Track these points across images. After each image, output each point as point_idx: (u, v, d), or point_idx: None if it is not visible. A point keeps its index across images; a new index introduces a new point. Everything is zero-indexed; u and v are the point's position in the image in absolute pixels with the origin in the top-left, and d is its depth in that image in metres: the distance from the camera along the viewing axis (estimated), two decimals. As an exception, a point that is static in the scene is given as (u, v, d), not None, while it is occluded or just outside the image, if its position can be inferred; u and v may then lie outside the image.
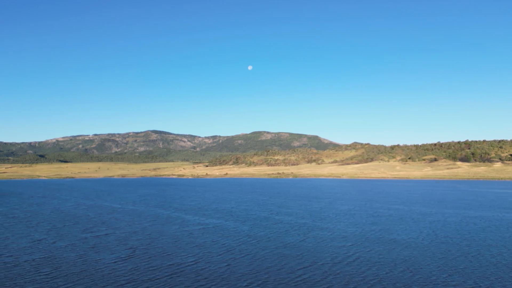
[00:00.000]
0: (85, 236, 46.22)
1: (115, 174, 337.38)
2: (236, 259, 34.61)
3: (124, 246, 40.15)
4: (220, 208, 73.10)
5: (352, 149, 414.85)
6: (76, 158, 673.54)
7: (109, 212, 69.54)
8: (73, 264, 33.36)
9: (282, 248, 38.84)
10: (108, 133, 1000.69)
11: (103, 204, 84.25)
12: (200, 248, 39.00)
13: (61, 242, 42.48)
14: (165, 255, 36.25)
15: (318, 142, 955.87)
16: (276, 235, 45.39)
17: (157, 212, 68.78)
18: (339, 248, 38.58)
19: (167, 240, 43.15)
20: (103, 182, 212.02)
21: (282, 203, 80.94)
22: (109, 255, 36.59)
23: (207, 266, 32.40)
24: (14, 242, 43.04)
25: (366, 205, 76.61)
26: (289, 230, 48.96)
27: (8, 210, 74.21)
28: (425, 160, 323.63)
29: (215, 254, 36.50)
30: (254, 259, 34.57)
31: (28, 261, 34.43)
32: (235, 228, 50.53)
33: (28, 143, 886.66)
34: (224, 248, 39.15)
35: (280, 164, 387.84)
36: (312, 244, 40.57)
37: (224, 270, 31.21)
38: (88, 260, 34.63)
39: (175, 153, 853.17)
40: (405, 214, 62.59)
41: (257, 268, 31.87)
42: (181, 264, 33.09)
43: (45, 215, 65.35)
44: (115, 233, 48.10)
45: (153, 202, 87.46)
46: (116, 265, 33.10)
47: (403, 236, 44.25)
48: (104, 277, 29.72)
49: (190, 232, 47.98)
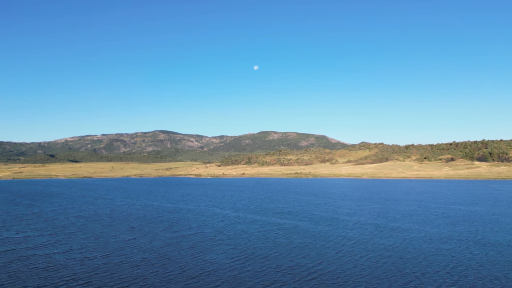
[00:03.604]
0: (173, 235, 46.16)
1: (131, 173, 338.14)
2: (354, 261, 34.39)
3: (226, 246, 40.01)
4: (277, 208, 72.87)
5: (366, 148, 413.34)
6: (86, 158, 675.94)
7: (170, 212, 69.52)
8: (194, 265, 33.29)
9: (386, 250, 38.56)
10: (116, 133, 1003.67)
11: (154, 203, 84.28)
12: (302, 249, 38.80)
13: (157, 242, 42.43)
14: (276, 256, 36.07)
15: (326, 142, 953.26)
16: (368, 237, 45.10)
17: (218, 212, 68.65)
18: (449, 250, 38.27)
19: (263, 241, 42.97)
20: (126, 181, 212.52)
21: (335, 203, 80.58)
22: (218, 254, 36.48)
23: (334, 269, 32.21)
24: (107, 242, 43.04)
25: (422, 205, 76.12)
26: (373, 231, 48.65)
27: (67, 210, 74.43)
28: (441, 160, 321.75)
29: (329, 256, 36.31)
30: (373, 262, 34.33)
31: (146, 260, 34.36)
32: (316, 229, 50.29)
33: (38, 143, 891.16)
34: (328, 249, 38.92)
35: (293, 164, 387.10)
36: (416, 246, 40.27)
37: (353, 273, 31.01)
38: (203, 260, 34.53)
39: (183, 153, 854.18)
40: (475, 215, 62.10)
41: (386, 272, 31.62)
42: (302, 266, 32.92)
43: (111, 215, 65.41)
44: (203, 232, 48.00)
45: (202, 201, 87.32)
46: (237, 264, 32.97)
47: (502, 239, 43.82)
48: (235, 277, 29.61)
49: (277, 233, 47.80)
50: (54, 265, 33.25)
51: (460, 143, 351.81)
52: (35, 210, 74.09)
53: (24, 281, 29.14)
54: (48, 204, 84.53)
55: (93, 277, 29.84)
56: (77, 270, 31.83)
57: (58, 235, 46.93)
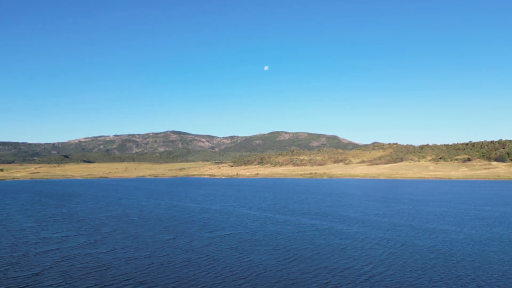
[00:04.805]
0: (210, 236, 46.21)
1: (145, 174, 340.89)
2: (401, 263, 33.96)
3: (266, 247, 39.89)
4: (304, 209, 72.53)
5: (380, 149, 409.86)
6: (99, 159, 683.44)
7: (198, 212, 69.74)
8: (241, 265, 33.23)
9: (430, 252, 38.01)
10: (128, 134, 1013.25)
11: (179, 204, 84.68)
12: (344, 251, 38.48)
13: (196, 243, 42.51)
14: (320, 257, 35.82)
15: (337, 142, 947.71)
16: (406, 239, 44.54)
17: (245, 212, 68.60)
18: (496, 252, 37.58)
19: (301, 242, 42.75)
20: (143, 182, 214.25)
21: (361, 204, 79.94)
22: (262, 255, 36.36)
23: (384, 271, 31.84)
24: (146, 242, 43.27)
25: (451, 206, 75.03)
26: (410, 232, 48.06)
27: (95, 210, 75.22)
28: (458, 160, 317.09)
29: (375, 258, 35.93)
30: (422, 264, 33.86)
31: (191, 260, 34.41)
32: (352, 230, 49.89)
33: (52, 144, 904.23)
34: (371, 250, 38.52)
35: (306, 164, 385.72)
36: (460, 248, 39.62)
37: (405, 275, 30.60)
38: (248, 261, 34.46)
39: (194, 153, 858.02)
40: (510, 217, 60.96)
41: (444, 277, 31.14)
42: (350, 268, 32.62)
43: (141, 215, 65.87)
44: (238, 233, 47.99)
45: (225, 202, 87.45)
46: (284, 266, 32.83)
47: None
48: (286, 279, 29.46)
49: (313, 234, 47.54)
50: (103, 265, 33.53)
51: (477, 143, 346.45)
52: (64, 210, 75.01)
53: (77, 281, 29.41)
54: (74, 204, 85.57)
55: (144, 277, 29.98)
56: (126, 270, 32.03)
57: (95, 235, 47.38)
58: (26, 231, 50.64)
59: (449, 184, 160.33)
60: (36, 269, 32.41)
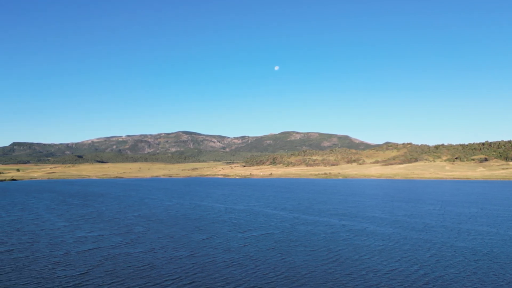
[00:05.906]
0: (244, 236, 46.23)
1: (159, 174, 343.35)
2: (453, 265, 33.49)
3: (304, 248, 39.74)
4: (330, 209, 72.15)
5: (394, 149, 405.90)
6: (113, 159, 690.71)
7: (224, 212, 69.91)
8: (286, 267, 33.16)
9: (473, 254, 37.44)
10: (141, 134, 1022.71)
11: (202, 203, 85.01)
12: (386, 252, 38.11)
13: (233, 243, 42.58)
14: (364, 259, 35.54)
15: (349, 142, 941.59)
16: (445, 240, 43.94)
17: (271, 212, 68.51)
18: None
19: (338, 243, 42.49)
20: (159, 181, 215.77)
21: (386, 204, 79.22)
22: (303, 256, 36.24)
23: (430, 272, 31.43)
24: (183, 241, 43.46)
25: (480, 207, 73.88)
26: (445, 233, 47.40)
27: (122, 210, 75.95)
28: (474, 160, 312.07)
29: (423, 260, 35.51)
30: (472, 266, 33.33)
31: (234, 260, 34.44)
32: (386, 231, 49.42)
33: (66, 144, 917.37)
34: (415, 252, 38.09)
35: (319, 165, 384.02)
36: (503, 250, 38.94)
37: (460, 278, 30.16)
38: (292, 262, 34.37)
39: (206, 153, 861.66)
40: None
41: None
42: (402, 270, 32.28)
43: (169, 215, 66.29)
44: (272, 233, 47.93)
45: (248, 202, 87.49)
46: (330, 267, 32.64)
47: None
48: (337, 281, 29.29)
49: (346, 235, 47.23)
50: (147, 264, 33.77)
51: (493, 143, 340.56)
52: (90, 209, 75.91)
53: (124, 280, 29.65)
54: (99, 204, 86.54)
55: (191, 277, 30.08)
56: (171, 269, 32.19)
57: (130, 235, 47.79)
58: (60, 230, 51.34)
59: (469, 184, 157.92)
60: (81, 269, 32.78)
